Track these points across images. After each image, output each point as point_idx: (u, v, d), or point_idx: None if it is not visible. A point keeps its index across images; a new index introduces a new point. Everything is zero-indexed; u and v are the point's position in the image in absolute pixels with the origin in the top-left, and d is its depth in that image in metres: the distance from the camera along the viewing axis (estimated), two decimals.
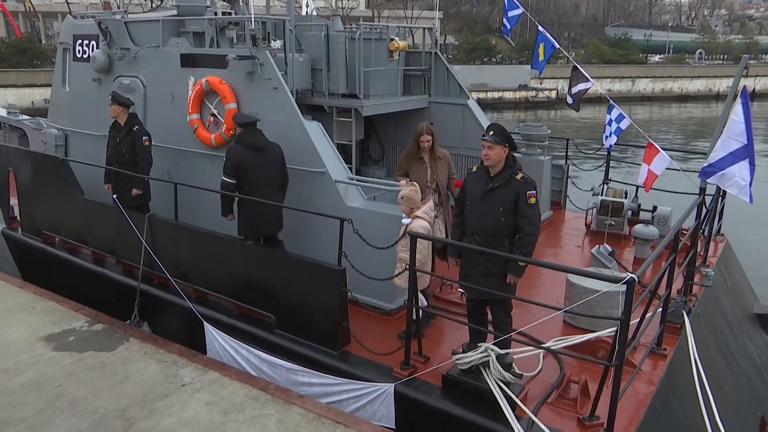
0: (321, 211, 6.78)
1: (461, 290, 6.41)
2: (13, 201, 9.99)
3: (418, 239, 5.39)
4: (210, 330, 6.80)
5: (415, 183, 6.25)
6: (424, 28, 10.51)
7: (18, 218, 9.95)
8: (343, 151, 8.32)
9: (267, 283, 6.64)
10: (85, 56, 9.91)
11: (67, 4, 11.67)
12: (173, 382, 5.99)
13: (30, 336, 6.93)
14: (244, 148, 7.08)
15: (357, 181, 7.30)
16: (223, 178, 7.08)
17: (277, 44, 8.27)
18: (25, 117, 13.16)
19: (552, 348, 5.40)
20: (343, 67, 8.61)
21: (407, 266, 5.44)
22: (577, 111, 8.91)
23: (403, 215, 6.00)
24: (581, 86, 8.35)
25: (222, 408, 5.55)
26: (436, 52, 9.99)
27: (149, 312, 7.63)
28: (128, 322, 7.45)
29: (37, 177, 9.39)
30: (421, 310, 5.65)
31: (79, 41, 10.03)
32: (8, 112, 13.24)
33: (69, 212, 8.94)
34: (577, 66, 8.37)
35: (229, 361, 6.57)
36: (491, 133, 5.08)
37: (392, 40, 9.21)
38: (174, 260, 7.49)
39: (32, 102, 36.14)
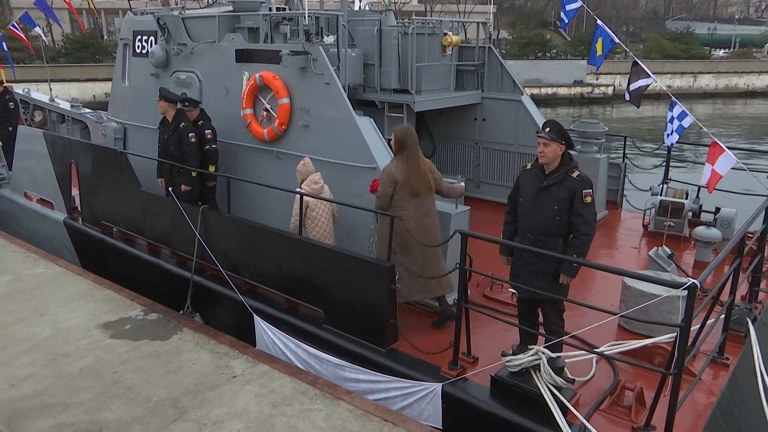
0: (371, 207, 6.75)
1: (512, 290, 6.29)
2: (75, 191, 10.31)
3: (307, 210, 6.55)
4: (260, 322, 6.87)
5: (307, 156, 7.17)
6: (477, 23, 10.37)
7: (79, 208, 10.27)
8: None
9: (316, 278, 6.66)
10: (144, 51, 10.16)
11: (128, 0, 11.96)
12: (224, 373, 6.09)
13: (89, 323, 7.16)
14: (210, 123, 8.61)
15: None
16: (214, 146, 8.51)
17: (330, 39, 8.28)
18: (87, 110, 13.55)
19: (606, 353, 5.23)
20: (395, 63, 8.56)
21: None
22: (638, 107, 8.60)
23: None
24: (641, 82, 8.02)
25: (271, 401, 5.61)
26: (489, 47, 9.83)
27: (201, 303, 7.77)
28: (181, 312, 7.61)
29: (96, 169, 9.68)
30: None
31: (139, 37, 10.28)
32: (71, 106, 13.68)
33: (126, 203, 9.19)
34: (638, 61, 8.06)
35: (277, 353, 6.63)
36: (547, 129, 4.96)
37: (445, 34, 9.11)
38: (226, 253, 7.60)
39: (94, 96, 37.32)
